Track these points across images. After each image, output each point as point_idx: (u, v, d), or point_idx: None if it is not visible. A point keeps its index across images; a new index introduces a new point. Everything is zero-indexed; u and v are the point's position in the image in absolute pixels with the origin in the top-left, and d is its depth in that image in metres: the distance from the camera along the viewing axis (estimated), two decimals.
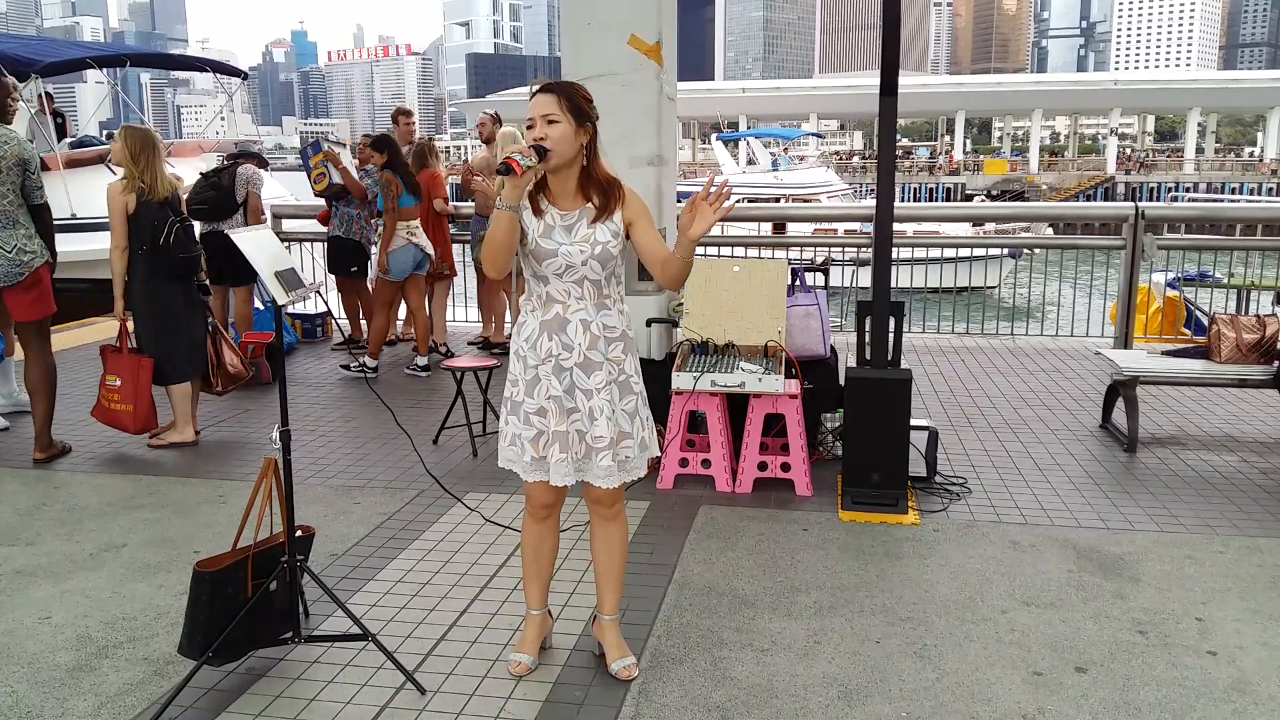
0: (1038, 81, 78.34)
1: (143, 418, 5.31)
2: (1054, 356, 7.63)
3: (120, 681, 3.00)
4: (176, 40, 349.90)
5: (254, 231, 3.20)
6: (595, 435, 2.81)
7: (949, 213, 12.93)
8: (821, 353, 5.06)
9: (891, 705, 2.84)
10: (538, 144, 2.69)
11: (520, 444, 2.85)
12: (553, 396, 2.80)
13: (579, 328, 2.79)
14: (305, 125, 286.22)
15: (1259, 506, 4.44)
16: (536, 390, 2.82)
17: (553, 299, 2.80)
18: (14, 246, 5.03)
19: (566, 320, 2.79)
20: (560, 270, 2.78)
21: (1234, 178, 53.60)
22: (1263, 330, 5.30)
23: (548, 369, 2.80)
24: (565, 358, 2.79)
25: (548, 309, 2.81)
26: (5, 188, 4.98)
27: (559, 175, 2.79)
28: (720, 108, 70.42)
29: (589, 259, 2.77)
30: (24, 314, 5.17)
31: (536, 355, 2.81)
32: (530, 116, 2.74)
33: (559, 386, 2.80)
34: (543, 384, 2.80)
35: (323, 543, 3.98)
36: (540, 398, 2.81)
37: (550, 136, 2.70)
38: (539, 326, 2.81)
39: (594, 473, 2.85)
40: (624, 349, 2.88)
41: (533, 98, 2.76)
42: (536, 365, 2.81)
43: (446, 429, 5.54)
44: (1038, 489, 4.67)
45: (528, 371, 2.83)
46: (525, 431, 2.84)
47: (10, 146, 4.99)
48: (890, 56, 4.29)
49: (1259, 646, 3.18)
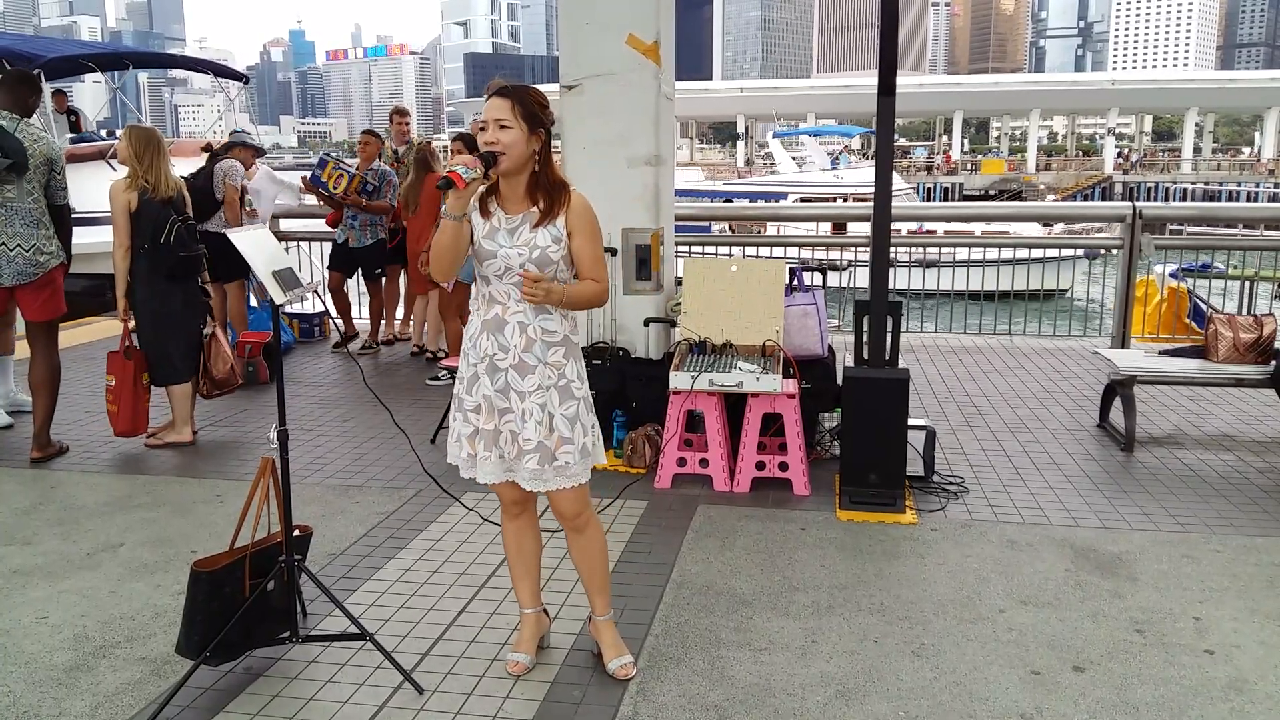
0: (1035, 81, 78.28)
1: (126, 420, 5.28)
2: (1051, 356, 7.64)
3: (118, 681, 3.00)
4: (174, 40, 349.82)
5: (252, 230, 3.20)
6: (524, 438, 2.83)
7: (947, 212, 12.94)
8: (819, 352, 5.06)
9: (889, 704, 2.85)
10: (489, 150, 2.71)
11: (460, 440, 2.92)
12: (485, 395, 2.85)
13: (516, 329, 2.82)
14: (303, 125, 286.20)
15: (1256, 506, 4.45)
16: (475, 388, 2.87)
17: (494, 299, 2.84)
18: (33, 246, 5.05)
19: (504, 321, 2.83)
20: (500, 271, 2.80)
21: (1231, 178, 53.66)
22: (1260, 330, 5.30)
23: (483, 368, 2.85)
24: (500, 358, 2.83)
25: (489, 309, 2.85)
26: (32, 185, 5.01)
27: (509, 180, 2.80)
28: (718, 108, 70.44)
29: (526, 262, 2.77)
30: (35, 314, 5.18)
31: (476, 353, 2.86)
32: (484, 119, 2.78)
33: (492, 386, 2.84)
34: (481, 381, 2.85)
35: (320, 542, 3.97)
36: (477, 395, 2.87)
37: (501, 141, 2.71)
38: (480, 325, 2.86)
39: (520, 474, 2.88)
40: (565, 354, 2.87)
41: (488, 100, 2.79)
42: (476, 364, 2.86)
43: (444, 429, 5.53)
44: (1035, 488, 4.67)
45: (468, 369, 2.89)
46: (464, 429, 2.91)
47: (40, 145, 5.04)
48: (888, 56, 4.29)
49: (1256, 645, 3.18)
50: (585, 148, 5.32)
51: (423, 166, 7.50)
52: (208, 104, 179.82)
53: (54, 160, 5.12)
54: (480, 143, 2.75)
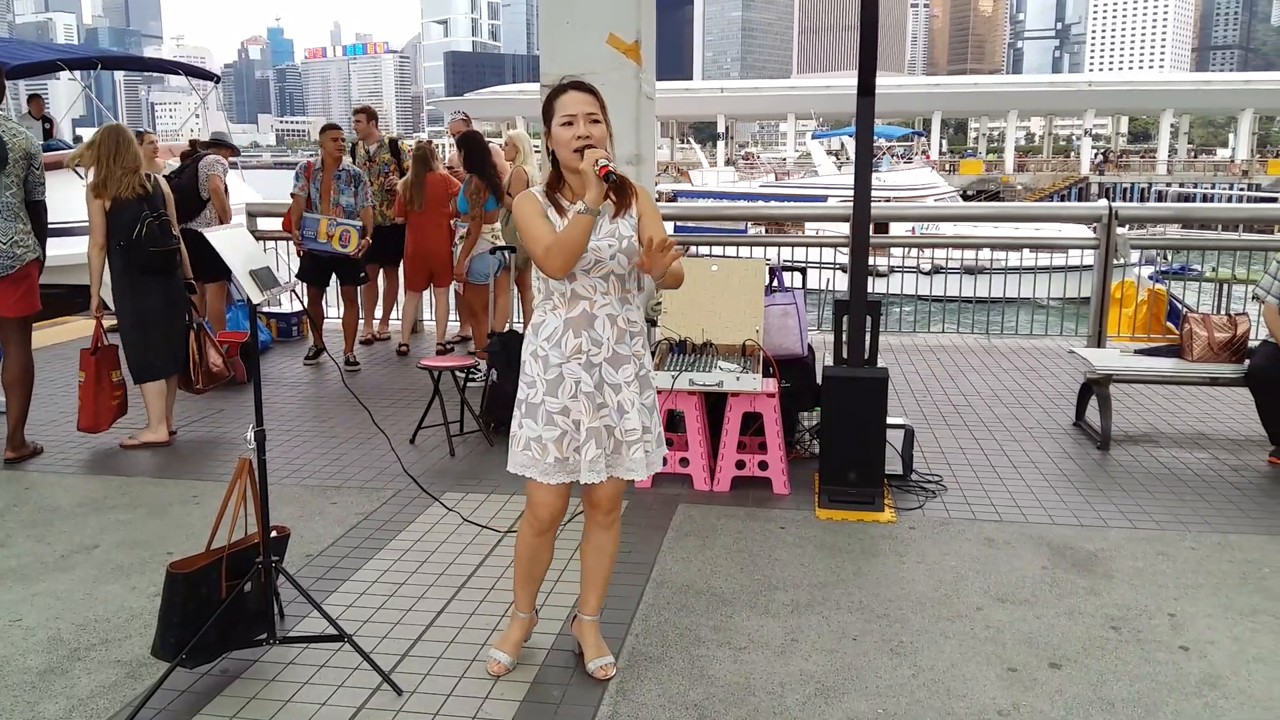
0: (1013, 83, 79.00)
1: (88, 416, 5.31)
2: (1029, 355, 7.69)
3: (92, 684, 2.97)
4: (151, 37, 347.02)
5: (229, 230, 3.18)
6: (628, 428, 2.81)
7: (929, 213, 13.00)
8: (799, 352, 5.08)
9: (868, 702, 2.86)
10: (609, 173, 2.65)
11: (541, 446, 2.79)
12: (584, 393, 2.77)
13: (606, 322, 2.79)
14: (281, 123, 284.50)
15: (1230, 503, 4.49)
16: (560, 389, 2.78)
17: (579, 295, 2.78)
18: (9, 239, 5.00)
19: (594, 316, 2.78)
20: (589, 266, 2.76)
21: (1206, 178, 54.21)
22: (1234, 329, 5.36)
23: (575, 365, 2.77)
24: (595, 353, 2.78)
25: (573, 306, 2.78)
26: (11, 179, 4.98)
27: (579, 174, 2.75)
28: (698, 108, 70.55)
29: (617, 253, 2.78)
30: (10, 309, 5.13)
31: (561, 353, 2.77)
32: (570, 113, 2.72)
33: (590, 382, 2.78)
34: (567, 382, 2.77)
35: (298, 543, 3.95)
36: (564, 397, 2.77)
37: (593, 135, 2.71)
38: (564, 324, 2.78)
39: (626, 466, 2.84)
40: (644, 343, 2.90)
41: (564, 93, 2.75)
42: (560, 363, 2.77)
43: (424, 428, 5.51)
44: (1012, 486, 4.70)
45: (549, 371, 2.78)
46: (547, 433, 2.78)
47: (19, 139, 5.02)
48: (867, 57, 4.30)
49: (1230, 641, 3.22)
50: None
51: (422, 164, 7.46)
52: (184, 101, 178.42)
53: (32, 155, 5.08)
54: (572, 137, 2.70)
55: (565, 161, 2.77)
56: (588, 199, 2.65)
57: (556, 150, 2.78)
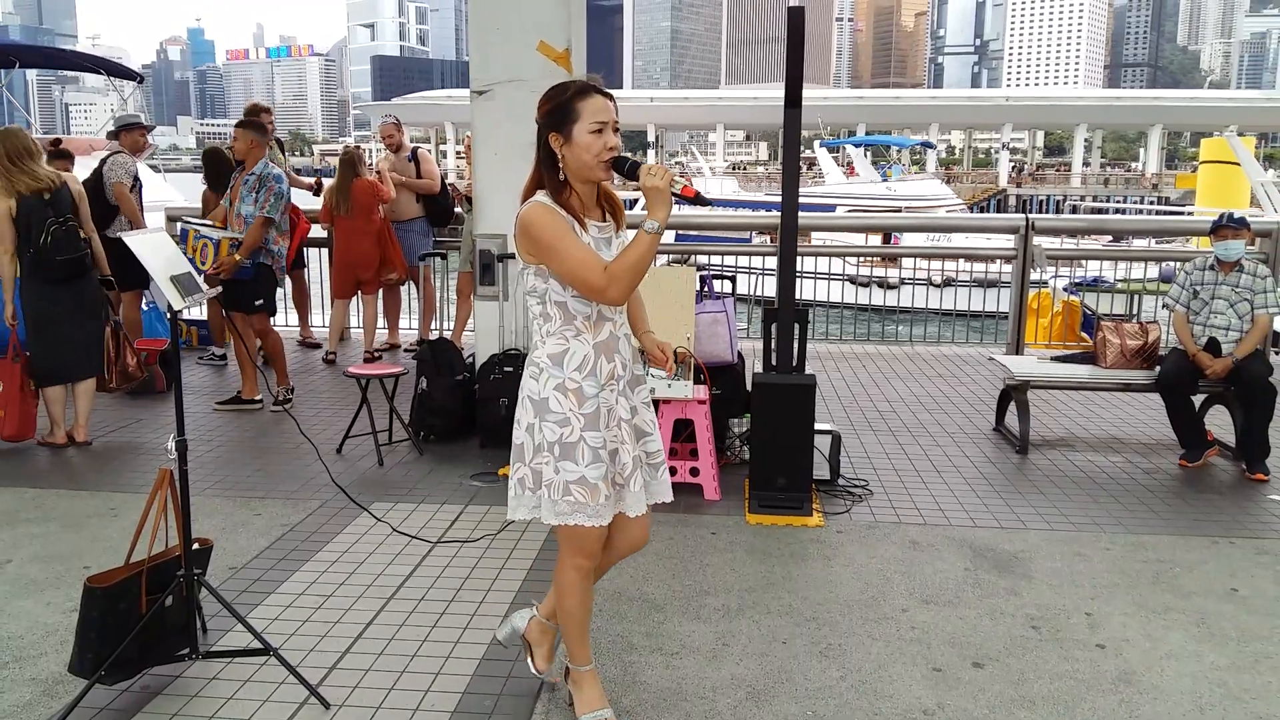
0: (934, 97, 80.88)
1: (14, 423, 5.22)
2: (950, 362, 7.87)
3: (6, 703, 2.86)
4: (65, 36, 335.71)
5: (148, 234, 3.10)
6: (654, 450, 2.69)
7: (852, 222, 13.21)
8: (729, 359, 5.13)
9: (798, 704, 2.89)
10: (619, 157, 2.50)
11: (589, 487, 2.51)
12: (623, 420, 2.60)
13: (625, 343, 2.63)
14: (202, 125, 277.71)
15: (1143, 505, 4.65)
16: (600, 421, 2.54)
17: (604, 317, 2.56)
18: None
19: (618, 337, 2.60)
20: None
21: (1118, 192, 56.10)
22: (1145, 337, 5.55)
23: (611, 393, 2.57)
24: (622, 376, 2.61)
25: (599, 329, 2.56)
26: None
27: (589, 187, 2.57)
28: (629, 116, 70.60)
29: None
30: None
31: (596, 382, 2.54)
32: (601, 120, 2.47)
33: (627, 410, 2.62)
34: (602, 412, 2.55)
35: (221, 555, 3.86)
36: (605, 429, 2.55)
37: (617, 146, 2.52)
38: (593, 350, 2.55)
39: (658, 489, 2.70)
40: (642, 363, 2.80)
41: (588, 96, 2.48)
42: (596, 393, 2.54)
43: (351, 437, 5.43)
44: (936, 490, 4.81)
45: (586, 405, 2.52)
46: (592, 471, 2.51)
47: None
48: (794, 69, 4.37)
49: (1143, 639, 3.33)
50: (497, 152, 5.31)
51: (349, 169, 7.32)
52: (100, 103, 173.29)
53: None
54: (604, 147, 2.47)
55: (581, 169, 2.50)
56: (658, 216, 2.43)
57: (573, 156, 2.49)
